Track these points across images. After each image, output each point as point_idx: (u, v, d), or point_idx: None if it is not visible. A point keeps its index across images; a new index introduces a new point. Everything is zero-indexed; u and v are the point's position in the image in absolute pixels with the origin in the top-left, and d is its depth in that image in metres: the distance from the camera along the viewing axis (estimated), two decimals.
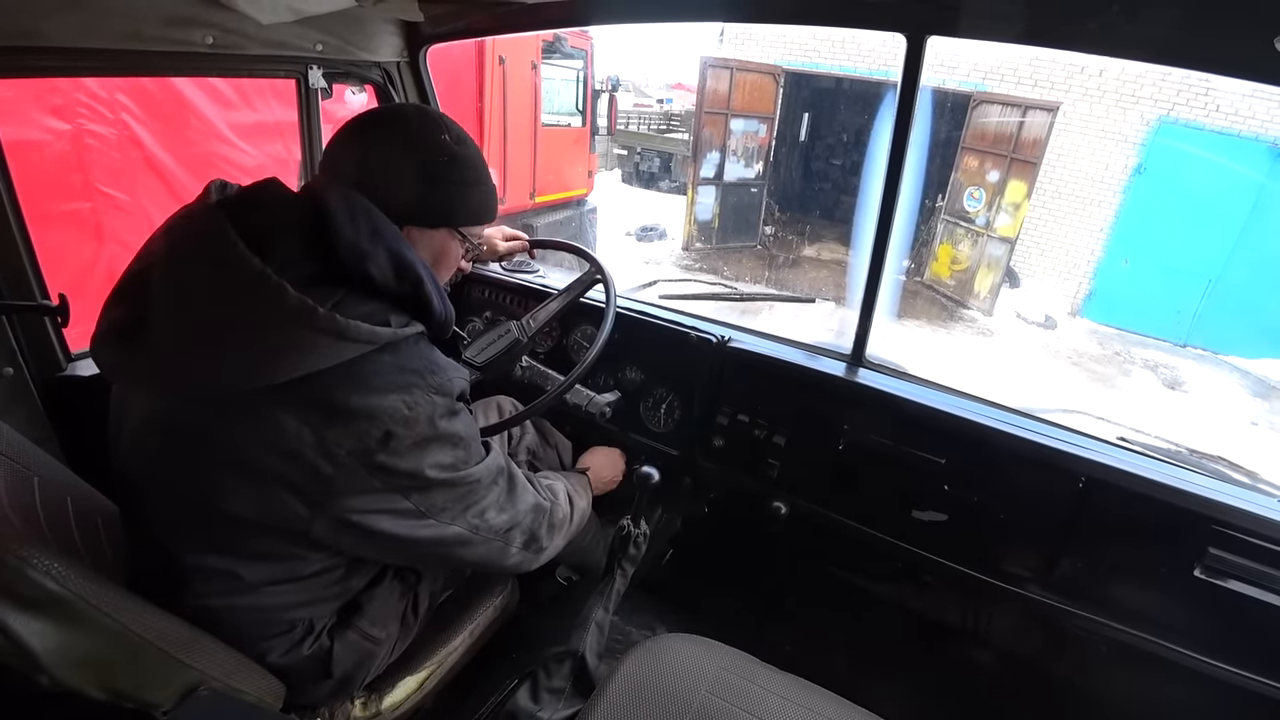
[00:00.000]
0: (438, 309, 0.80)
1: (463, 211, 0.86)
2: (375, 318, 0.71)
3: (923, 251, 8.17)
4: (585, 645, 1.16)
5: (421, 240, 0.84)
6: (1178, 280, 7.10)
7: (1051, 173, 7.36)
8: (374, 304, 0.73)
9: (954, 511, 1.19)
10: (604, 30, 8.65)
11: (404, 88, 1.62)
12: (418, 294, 0.77)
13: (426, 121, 0.83)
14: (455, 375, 0.79)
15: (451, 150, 0.83)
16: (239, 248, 0.65)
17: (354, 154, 0.81)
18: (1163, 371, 6.59)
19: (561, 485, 1.08)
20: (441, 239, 0.86)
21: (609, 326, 1.27)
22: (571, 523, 1.06)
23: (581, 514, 1.11)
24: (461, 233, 0.87)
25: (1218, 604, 1.01)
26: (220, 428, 0.69)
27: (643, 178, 12.02)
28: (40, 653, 0.57)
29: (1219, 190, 6.77)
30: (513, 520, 0.89)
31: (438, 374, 0.77)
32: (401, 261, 0.75)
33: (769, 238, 9.12)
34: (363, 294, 0.72)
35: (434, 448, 0.75)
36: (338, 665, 0.87)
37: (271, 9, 1.05)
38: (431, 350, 0.79)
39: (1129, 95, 7.07)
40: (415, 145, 0.81)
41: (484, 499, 0.84)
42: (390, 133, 0.82)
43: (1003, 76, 7.62)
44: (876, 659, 1.50)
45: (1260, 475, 1.12)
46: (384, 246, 0.74)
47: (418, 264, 0.77)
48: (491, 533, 0.86)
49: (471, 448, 0.81)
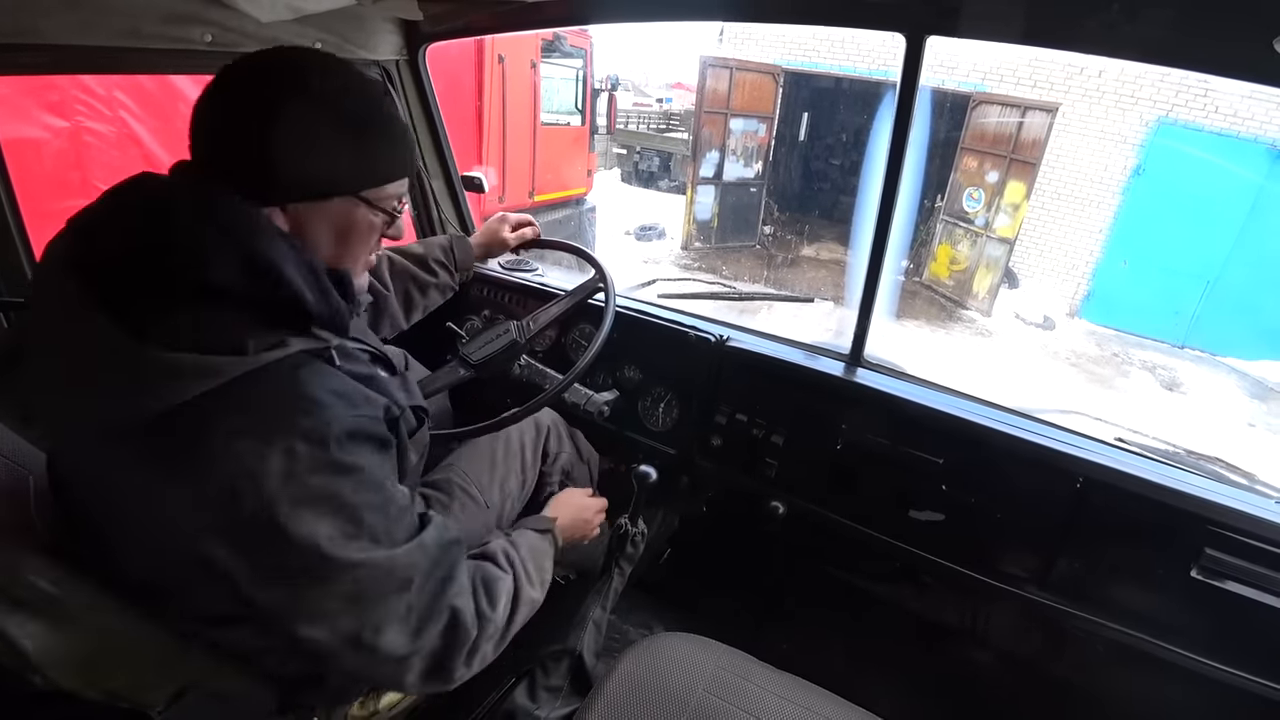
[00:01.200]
0: (314, 306, 0.63)
1: (353, 170, 0.68)
2: (223, 341, 0.57)
3: (921, 252, 8.18)
4: (583, 644, 1.16)
5: (314, 218, 0.67)
6: (1176, 281, 7.11)
7: (1050, 173, 7.36)
8: (229, 321, 0.58)
9: (952, 511, 1.19)
10: (603, 29, 8.64)
11: (403, 86, 1.62)
12: (278, 296, 0.60)
13: (283, 68, 0.65)
14: (344, 413, 0.61)
15: (323, 94, 0.64)
16: (68, 283, 0.56)
17: (204, 127, 0.64)
18: (1161, 373, 6.59)
19: (507, 584, 0.81)
20: (340, 211, 0.69)
21: (607, 327, 1.27)
22: (510, 625, 0.81)
23: (532, 604, 0.86)
24: (365, 198, 0.70)
25: (1214, 605, 1.01)
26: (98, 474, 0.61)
27: (642, 177, 12.02)
28: (34, 653, 0.57)
29: (1218, 191, 6.78)
30: (415, 648, 0.66)
31: (309, 412, 0.59)
32: (254, 259, 0.59)
33: (768, 237, 9.12)
34: (224, 309, 0.58)
35: (303, 515, 0.57)
36: (334, 676, 0.84)
37: (271, 7, 1.05)
38: (314, 377, 0.61)
39: (1128, 96, 7.07)
40: (270, 100, 0.62)
41: (381, 606, 0.62)
42: (240, 92, 0.64)
43: (1002, 77, 7.62)
44: (874, 658, 1.50)
45: (1257, 476, 1.12)
46: (232, 244, 0.59)
47: (281, 257, 0.61)
48: (380, 656, 0.64)
49: (363, 521, 0.60)
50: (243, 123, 0.62)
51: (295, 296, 0.61)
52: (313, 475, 0.57)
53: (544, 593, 0.90)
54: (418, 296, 1.35)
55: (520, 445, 1.23)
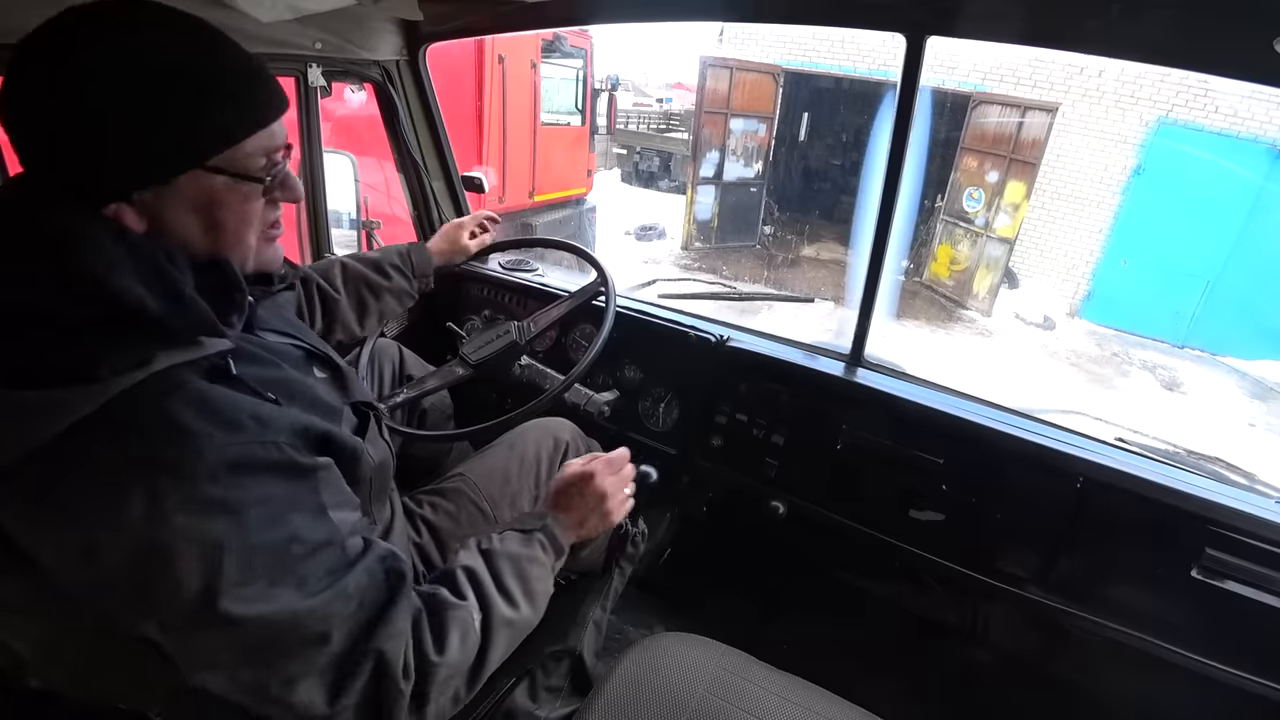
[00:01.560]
0: (159, 312, 0.52)
1: (191, 137, 0.55)
2: (65, 370, 0.49)
3: (922, 252, 8.17)
4: (583, 644, 1.16)
5: (167, 206, 0.56)
6: (1176, 281, 7.10)
7: (1051, 173, 7.35)
8: (66, 346, 0.50)
9: (952, 511, 1.19)
10: (603, 29, 8.64)
11: (403, 86, 1.62)
12: (117, 309, 0.50)
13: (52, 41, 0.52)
14: (223, 441, 0.51)
15: (111, 58, 0.52)
16: None
17: (15, 136, 0.54)
18: (1161, 372, 6.58)
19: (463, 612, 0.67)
20: (193, 190, 0.57)
21: (608, 327, 1.27)
22: (486, 657, 0.68)
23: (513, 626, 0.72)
24: (215, 167, 0.57)
25: (1215, 605, 1.01)
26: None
27: (642, 177, 12.03)
28: (29, 656, 0.56)
29: (1218, 191, 6.77)
30: (339, 706, 0.56)
31: (174, 442, 0.50)
32: (69, 274, 0.50)
33: (768, 237, 9.12)
34: (57, 335, 0.50)
35: (173, 561, 0.49)
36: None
37: (271, 7, 1.05)
38: (183, 400, 0.52)
39: (1128, 96, 7.06)
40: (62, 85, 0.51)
41: (289, 660, 0.54)
42: (33, 82, 0.52)
43: (1002, 77, 7.61)
44: (874, 658, 1.49)
45: (1257, 476, 1.12)
46: (43, 261, 0.50)
47: (105, 265, 0.51)
48: (298, 712, 0.55)
49: (256, 566, 0.51)
50: (47, 116, 0.52)
51: (133, 308, 0.51)
52: (178, 514, 0.49)
53: (536, 607, 0.76)
54: (371, 301, 1.26)
55: (536, 460, 1.16)
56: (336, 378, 0.75)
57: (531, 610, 0.75)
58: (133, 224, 0.56)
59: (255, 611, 0.51)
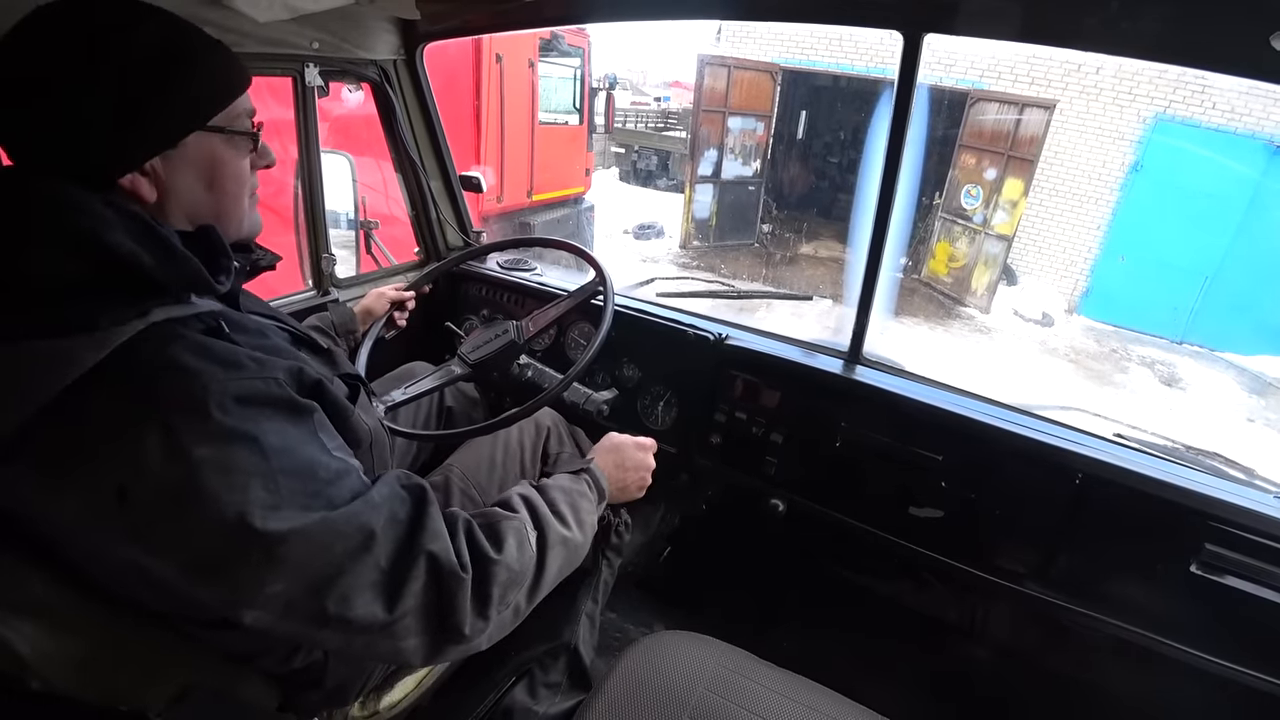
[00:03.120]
0: (154, 269, 0.55)
1: (193, 100, 0.61)
2: (68, 319, 0.52)
3: (920, 249, 8.15)
4: (578, 638, 1.16)
5: (176, 170, 0.61)
6: (1174, 277, 7.09)
7: (1049, 170, 7.35)
8: (69, 300, 0.53)
9: (951, 508, 1.19)
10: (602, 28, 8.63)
11: (401, 86, 1.62)
12: (112, 263, 0.53)
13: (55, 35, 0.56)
14: (225, 376, 0.54)
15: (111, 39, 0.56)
16: None
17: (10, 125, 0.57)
18: (1159, 369, 6.58)
19: (516, 521, 0.72)
20: (195, 153, 0.62)
21: (606, 326, 1.27)
22: (543, 569, 0.73)
23: (568, 543, 0.77)
24: (214, 127, 0.63)
25: (1214, 600, 1.01)
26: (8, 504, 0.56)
27: (640, 176, 12.00)
28: (29, 656, 0.56)
29: (1215, 187, 6.77)
30: (396, 608, 0.58)
31: (180, 379, 0.52)
32: (66, 232, 0.53)
33: (766, 235, 9.10)
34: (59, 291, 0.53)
35: (201, 493, 0.51)
36: (331, 677, 0.83)
37: (268, 7, 1.05)
38: (183, 345, 0.54)
39: (1126, 93, 7.05)
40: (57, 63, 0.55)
41: (341, 576, 0.56)
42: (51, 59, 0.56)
43: (1000, 74, 7.60)
44: (874, 655, 1.50)
45: (1256, 471, 1.12)
46: (42, 222, 0.53)
47: (101, 224, 0.53)
48: (361, 627, 0.57)
49: (280, 485, 0.53)
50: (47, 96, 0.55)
51: (126, 261, 0.54)
52: (198, 447, 0.51)
53: (586, 535, 0.81)
54: None
55: (520, 446, 1.21)
56: (322, 356, 0.78)
57: (582, 535, 0.80)
58: (146, 194, 0.60)
59: (289, 526, 0.53)
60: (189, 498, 0.51)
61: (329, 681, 0.84)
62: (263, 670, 0.77)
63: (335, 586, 0.55)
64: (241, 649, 0.73)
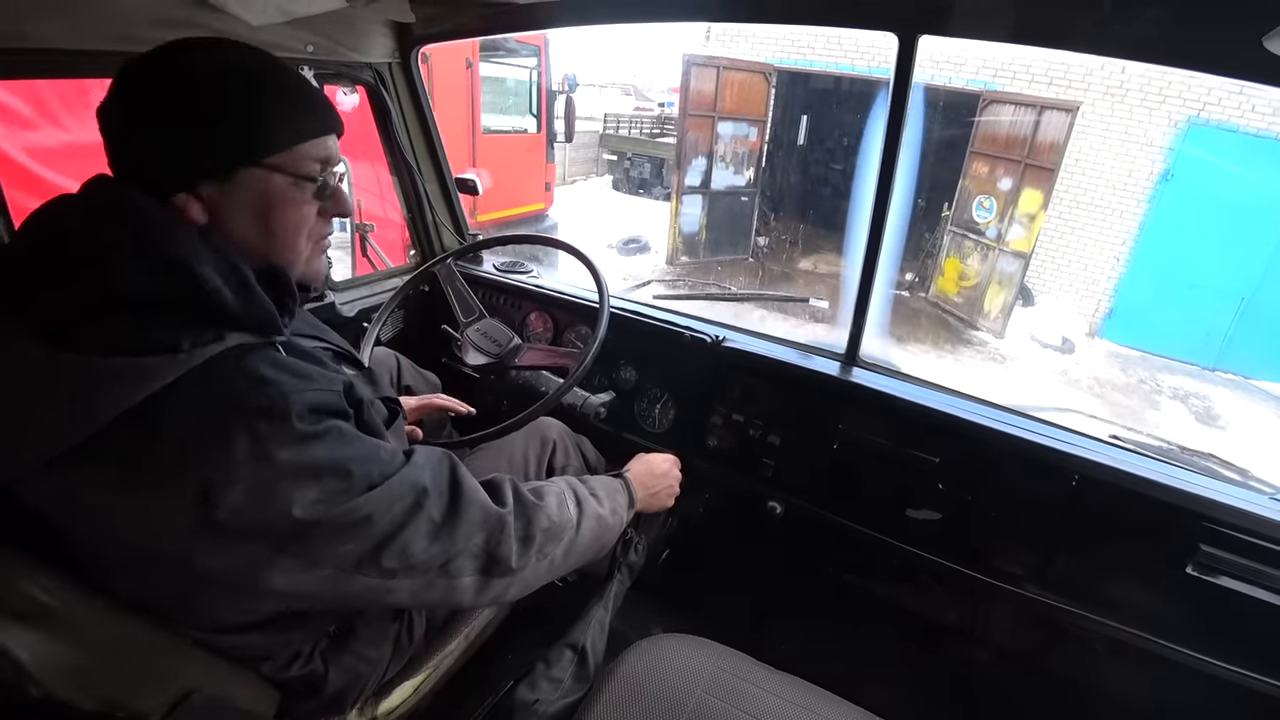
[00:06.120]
0: (234, 306, 0.59)
1: (246, 135, 0.63)
2: (153, 342, 0.55)
3: (928, 265, 7.43)
4: (587, 639, 1.16)
5: (229, 201, 0.63)
6: (1207, 298, 6.34)
7: (1070, 180, 6.61)
8: (155, 324, 0.56)
9: (948, 510, 1.19)
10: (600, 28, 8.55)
11: (396, 89, 1.62)
12: (199, 295, 0.57)
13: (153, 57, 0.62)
14: (300, 387, 0.59)
15: (196, 66, 0.62)
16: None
17: (110, 131, 0.63)
18: (1194, 403, 5.88)
19: (557, 487, 0.85)
20: (250, 187, 0.64)
21: (603, 330, 1.26)
22: (579, 530, 0.83)
23: (601, 520, 0.88)
24: (274, 164, 0.64)
25: (1210, 600, 1.01)
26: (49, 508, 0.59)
27: (633, 184, 11.72)
28: (29, 664, 0.56)
29: (1254, 199, 5.99)
30: (450, 549, 0.68)
31: (262, 391, 0.57)
32: (159, 259, 0.56)
33: (762, 249, 8.49)
34: (146, 313, 0.56)
35: (286, 487, 0.57)
36: (330, 684, 0.84)
37: (262, 10, 1.04)
38: (261, 361, 0.59)
39: (1155, 94, 6.32)
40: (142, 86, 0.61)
41: (402, 531, 0.64)
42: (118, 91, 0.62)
43: (1015, 74, 6.92)
44: (873, 658, 1.50)
45: (1251, 473, 1.12)
46: (130, 244, 0.56)
47: (191, 254, 0.58)
48: (422, 570, 0.66)
49: (352, 473, 0.61)
50: (117, 116, 0.62)
51: (212, 295, 0.58)
52: (282, 450, 0.56)
53: (619, 521, 0.93)
54: None
55: (524, 459, 1.20)
56: (364, 374, 0.83)
57: (614, 519, 0.92)
58: (196, 215, 0.63)
59: (358, 503, 0.60)
60: (276, 494, 0.56)
61: (327, 689, 0.84)
62: (262, 677, 0.78)
63: (396, 540, 0.63)
64: (251, 651, 0.74)
